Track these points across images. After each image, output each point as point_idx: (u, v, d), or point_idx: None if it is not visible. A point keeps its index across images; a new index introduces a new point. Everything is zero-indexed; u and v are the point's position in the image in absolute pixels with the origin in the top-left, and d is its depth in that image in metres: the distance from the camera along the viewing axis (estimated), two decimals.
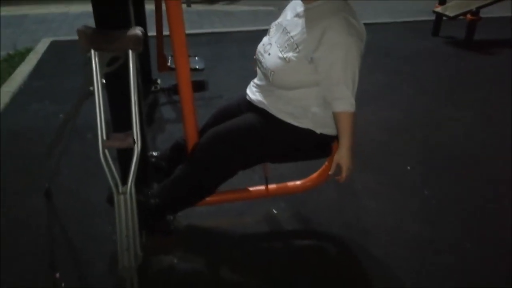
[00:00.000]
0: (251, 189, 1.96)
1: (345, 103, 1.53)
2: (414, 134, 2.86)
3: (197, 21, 5.34)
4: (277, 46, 1.58)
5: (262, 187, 1.95)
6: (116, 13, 1.50)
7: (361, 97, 1.64)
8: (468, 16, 4.32)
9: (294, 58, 1.50)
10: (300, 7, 1.57)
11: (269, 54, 1.60)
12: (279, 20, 1.68)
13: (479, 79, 3.73)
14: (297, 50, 1.50)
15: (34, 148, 2.60)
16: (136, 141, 1.49)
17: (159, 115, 3.12)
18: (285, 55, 1.53)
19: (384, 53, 4.08)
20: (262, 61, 1.63)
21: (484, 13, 4.47)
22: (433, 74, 3.83)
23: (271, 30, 1.69)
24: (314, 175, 1.96)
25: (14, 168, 2.42)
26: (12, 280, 1.72)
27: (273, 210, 2.12)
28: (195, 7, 6.12)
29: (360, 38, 1.49)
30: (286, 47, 1.54)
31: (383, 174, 2.44)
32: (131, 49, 1.45)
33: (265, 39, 1.69)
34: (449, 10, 4.49)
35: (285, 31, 1.58)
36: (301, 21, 1.53)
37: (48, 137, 2.69)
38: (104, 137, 1.47)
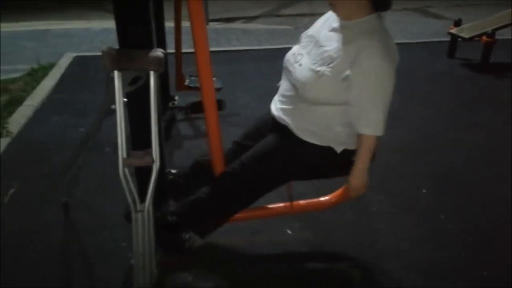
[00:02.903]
0: (275, 206, 1.93)
1: (373, 127, 1.52)
2: (429, 156, 2.84)
3: (214, 39, 5.44)
4: (310, 58, 1.55)
5: (286, 204, 1.92)
6: (139, 34, 1.55)
7: None
8: (484, 38, 4.32)
9: (327, 73, 1.48)
10: (335, 23, 1.55)
11: (300, 65, 1.58)
12: (310, 31, 1.65)
13: (495, 101, 3.70)
14: (331, 65, 1.48)
15: (54, 160, 2.66)
16: (154, 159, 1.52)
17: (176, 131, 3.17)
18: (317, 69, 1.50)
19: (400, 73, 4.04)
20: (292, 71, 1.60)
21: (500, 35, 4.47)
22: (448, 95, 3.83)
23: (302, 40, 1.66)
24: (339, 191, 1.91)
25: (33, 180, 2.48)
26: None
27: (288, 230, 2.12)
28: (213, 25, 6.24)
29: (394, 61, 1.49)
30: (319, 60, 1.52)
31: (398, 196, 2.43)
32: (153, 70, 1.50)
33: (295, 49, 1.66)
34: (465, 32, 4.49)
35: (318, 44, 1.56)
36: (336, 37, 1.51)
37: (67, 150, 2.74)
38: (124, 155, 1.51)
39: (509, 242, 2.08)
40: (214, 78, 3.57)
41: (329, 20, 1.60)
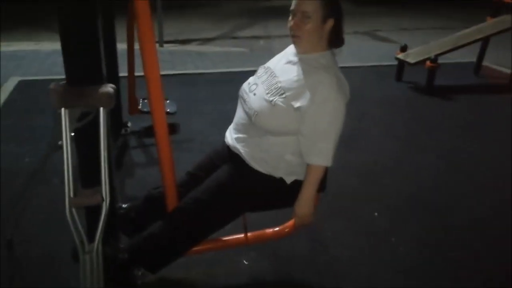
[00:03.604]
0: (229, 238, 1.93)
1: (323, 158, 1.57)
2: (381, 180, 2.93)
3: (169, 61, 5.40)
4: (264, 88, 1.61)
5: (241, 236, 1.91)
6: (88, 70, 1.51)
7: None
8: (428, 63, 4.56)
9: (279, 103, 1.53)
10: (292, 56, 1.62)
11: (254, 94, 1.63)
12: (267, 64, 1.72)
13: (441, 123, 3.90)
14: (284, 95, 1.54)
15: None
16: (104, 198, 1.47)
17: (128, 159, 3.09)
18: (270, 98, 1.55)
19: (352, 96, 4.19)
20: (246, 99, 1.65)
21: (445, 59, 4.73)
22: (398, 118, 3.99)
23: (258, 71, 1.72)
24: (292, 221, 1.89)
25: None
26: None
27: (244, 261, 2.11)
28: (168, 47, 6.20)
29: (346, 96, 1.57)
30: (272, 90, 1.57)
31: (352, 220, 2.48)
32: (103, 106, 1.47)
33: (251, 79, 1.72)
34: (410, 57, 4.74)
35: (273, 74, 1.62)
36: (292, 69, 1.58)
37: (13, 181, 2.61)
38: (71, 194, 1.45)
39: (460, 265, 2.17)
40: (168, 101, 3.60)
41: (286, 54, 1.69)
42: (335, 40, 1.59)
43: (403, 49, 4.92)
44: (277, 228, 1.94)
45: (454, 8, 9.85)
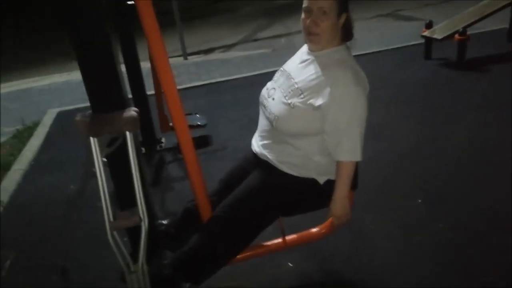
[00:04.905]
0: (268, 243, 1.92)
1: (351, 153, 1.55)
2: (418, 166, 2.85)
3: (195, 73, 5.49)
4: (281, 91, 1.61)
5: (279, 240, 1.91)
6: (110, 96, 1.56)
7: None
8: (456, 36, 4.39)
9: (298, 104, 1.53)
10: (306, 55, 1.62)
11: (273, 99, 1.63)
12: (283, 66, 1.73)
13: (475, 100, 3.73)
14: (301, 96, 1.53)
15: (49, 223, 2.64)
16: (142, 218, 1.52)
17: (166, 174, 3.17)
18: (289, 101, 1.55)
19: (379, 82, 4.07)
20: (266, 105, 1.66)
21: (476, 29, 4.52)
22: (430, 100, 3.85)
23: (275, 75, 1.73)
24: (329, 220, 1.87)
25: (30, 248, 2.45)
26: None
27: (289, 263, 2.11)
28: (192, 58, 6.30)
29: (365, 88, 1.54)
30: (290, 92, 1.57)
31: (392, 211, 2.42)
32: (128, 131, 1.51)
33: (269, 84, 1.73)
34: (437, 33, 4.57)
35: (289, 77, 1.62)
36: (307, 69, 1.58)
37: (61, 209, 2.73)
38: (111, 218, 1.51)
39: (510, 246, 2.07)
40: (197, 115, 3.64)
41: (301, 53, 1.68)
42: (347, 34, 1.58)
43: (429, 25, 4.75)
44: (314, 229, 1.92)
45: None
